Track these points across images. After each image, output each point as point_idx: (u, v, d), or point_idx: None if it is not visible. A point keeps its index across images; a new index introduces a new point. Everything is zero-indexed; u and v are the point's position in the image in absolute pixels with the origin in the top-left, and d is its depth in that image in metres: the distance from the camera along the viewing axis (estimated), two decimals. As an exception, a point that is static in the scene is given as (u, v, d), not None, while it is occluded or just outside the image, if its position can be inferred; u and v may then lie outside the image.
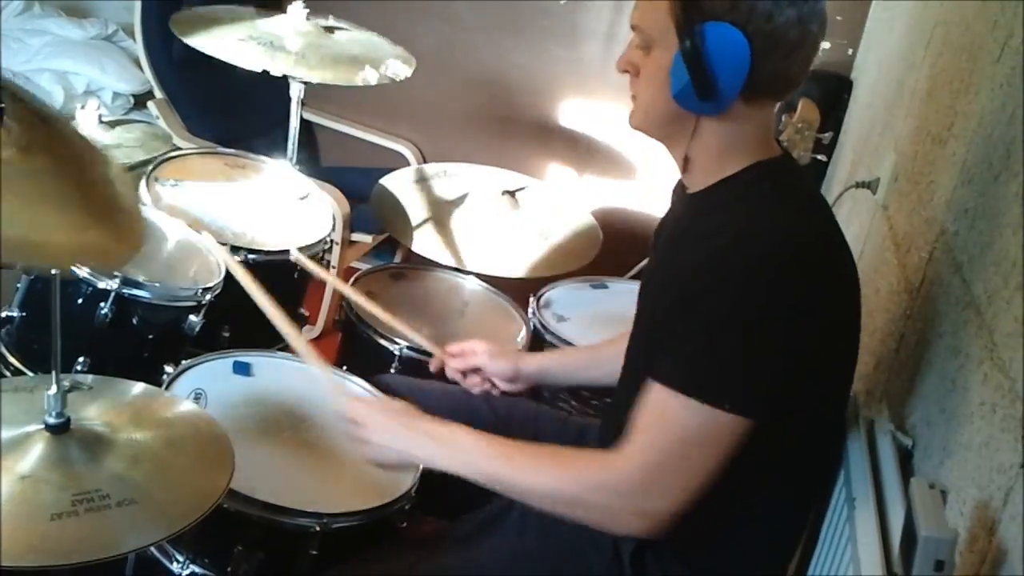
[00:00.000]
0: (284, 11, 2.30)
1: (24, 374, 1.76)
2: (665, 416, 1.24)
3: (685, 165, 1.36)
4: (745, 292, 1.21)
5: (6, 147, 1.27)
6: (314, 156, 3.58)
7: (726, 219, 1.28)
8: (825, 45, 3.05)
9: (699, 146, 1.33)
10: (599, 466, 1.28)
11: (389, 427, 1.40)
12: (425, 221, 2.26)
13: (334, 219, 2.25)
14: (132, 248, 1.25)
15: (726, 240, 1.24)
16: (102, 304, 1.70)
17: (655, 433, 1.24)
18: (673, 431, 1.23)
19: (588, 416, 2.03)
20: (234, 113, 3.20)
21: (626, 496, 1.25)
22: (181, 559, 1.45)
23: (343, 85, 2.18)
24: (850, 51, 3.08)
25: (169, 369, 1.63)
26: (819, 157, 2.39)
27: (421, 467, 1.56)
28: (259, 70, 2.09)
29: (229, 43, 2.13)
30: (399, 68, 2.28)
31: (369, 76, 2.18)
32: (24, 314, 1.77)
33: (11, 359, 1.77)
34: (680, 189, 1.48)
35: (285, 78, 2.18)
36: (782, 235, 1.24)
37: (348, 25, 2.43)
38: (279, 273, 2.10)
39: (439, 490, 1.57)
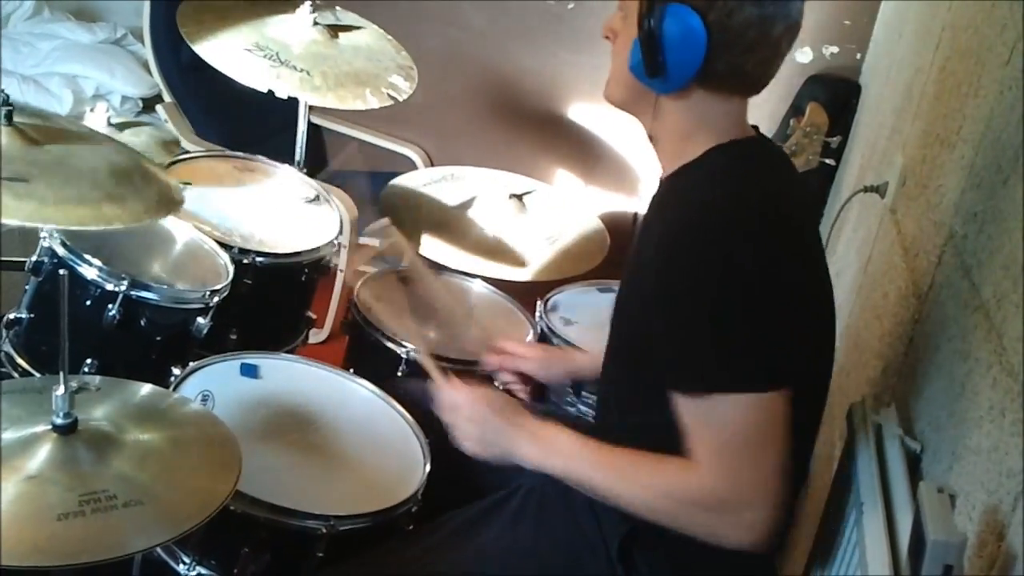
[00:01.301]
0: (291, 7, 2.30)
1: (32, 375, 1.76)
2: (713, 422, 1.23)
3: (653, 144, 1.39)
4: (711, 270, 1.22)
5: (20, 142, 1.32)
6: (322, 159, 3.59)
7: (677, 205, 1.31)
8: (833, 49, 3.06)
9: (661, 126, 1.36)
10: (685, 479, 1.26)
11: (493, 423, 1.40)
12: (432, 225, 2.26)
13: (342, 223, 2.25)
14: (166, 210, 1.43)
15: (673, 227, 1.27)
16: (110, 306, 1.70)
17: (715, 441, 1.24)
18: (729, 432, 1.23)
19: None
20: (242, 117, 3.21)
21: (718, 511, 1.24)
22: (187, 560, 1.45)
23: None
24: (858, 55, 3.07)
25: (176, 371, 1.63)
26: (827, 161, 2.38)
27: (427, 470, 1.56)
28: (264, 90, 2.11)
29: (235, 53, 2.14)
30: (401, 84, 2.29)
31: (371, 100, 2.19)
32: (32, 316, 1.77)
33: (19, 360, 1.78)
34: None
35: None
36: (729, 202, 1.26)
37: (354, 21, 2.42)
38: (287, 276, 2.11)
39: (442, 487, 1.58)
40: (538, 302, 2.23)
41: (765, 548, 1.25)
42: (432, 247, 2.20)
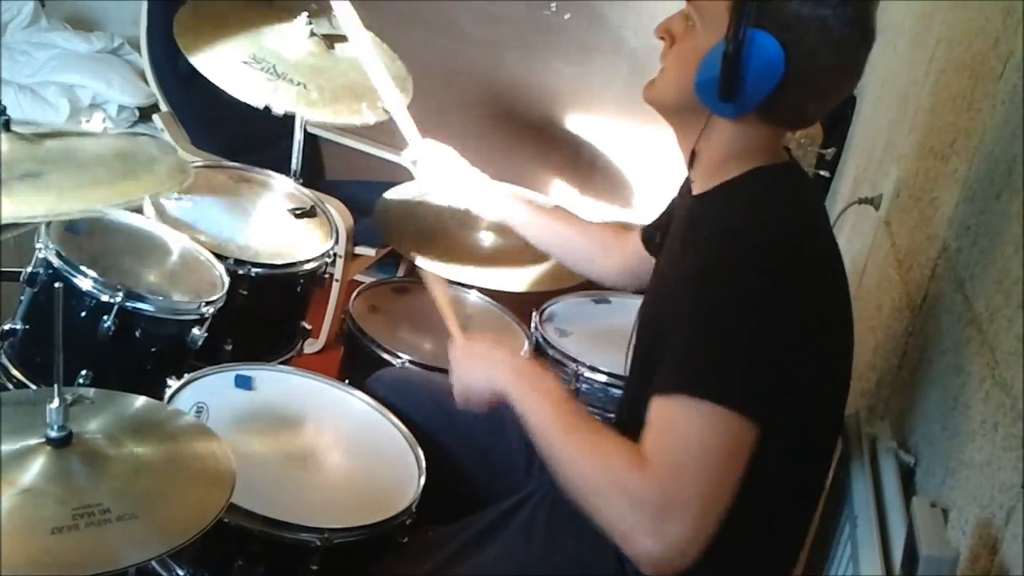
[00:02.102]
0: (288, 16, 2.31)
1: (27, 387, 1.76)
2: (672, 425, 1.18)
3: (691, 160, 1.37)
4: (735, 291, 1.20)
5: (21, 143, 1.33)
6: (318, 169, 3.59)
7: (717, 224, 1.29)
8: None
9: (707, 144, 1.33)
10: (632, 468, 1.18)
11: (480, 352, 1.43)
12: (428, 235, 2.27)
13: (338, 232, 2.25)
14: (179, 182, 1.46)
15: (712, 244, 1.25)
16: (105, 317, 1.70)
17: (667, 445, 1.18)
18: (683, 439, 1.17)
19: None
20: (239, 127, 3.20)
21: (645, 509, 1.16)
22: (182, 573, 1.44)
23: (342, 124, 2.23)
24: (853, 67, 3.08)
25: (171, 382, 1.63)
26: (822, 173, 2.39)
27: (423, 481, 1.56)
28: (261, 107, 2.11)
29: (232, 66, 2.14)
30: (398, 95, 2.30)
31: (366, 115, 2.20)
32: (27, 327, 1.77)
33: (14, 372, 1.77)
34: (685, 191, 1.48)
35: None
36: (769, 234, 1.24)
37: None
38: (283, 287, 2.11)
39: (441, 499, 1.57)
40: (533, 313, 2.23)
41: (667, 570, 1.17)
42: (427, 258, 2.21)
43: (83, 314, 1.71)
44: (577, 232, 1.88)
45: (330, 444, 1.63)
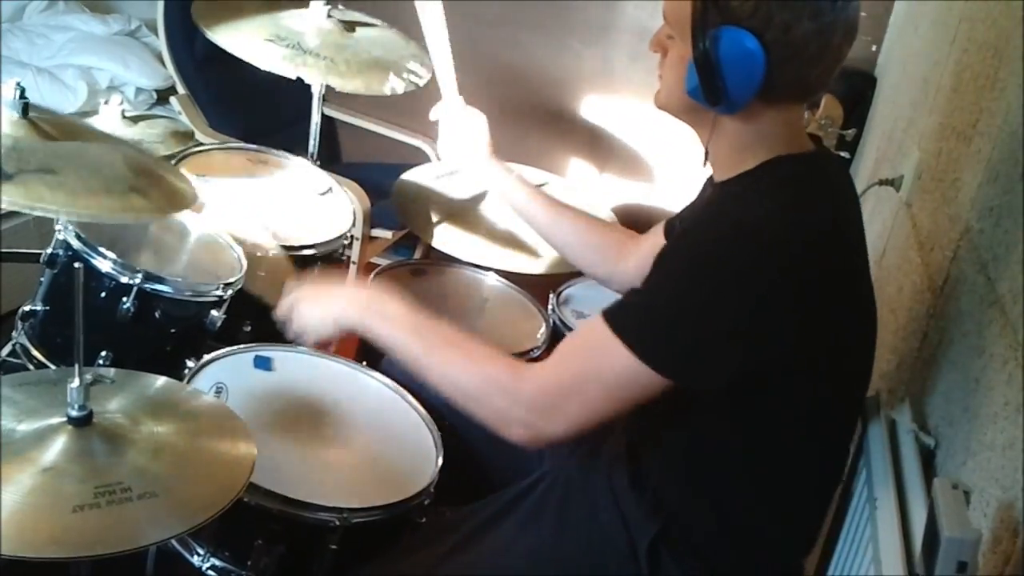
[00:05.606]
0: (303, 4, 2.31)
1: (47, 367, 1.77)
2: (586, 345, 1.28)
3: (706, 156, 1.37)
4: (706, 262, 1.21)
5: (36, 136, 1.33)
6: (335, 152, 3.59)
7: (719, 213, 1.29)
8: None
9: (719, 141, 1.33)
10: (511, 374, 1.30)
11: (315, 289, 1.49)
12: (445, 217, 2.26)
13: (355, 215, 2.25)
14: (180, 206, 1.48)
15: (708, 231, 1.26)
16: (124, 298, 1.70)
17: (571, 358, 1.29)
18: (587, 361, 1.26)
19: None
20: (256, 109, 3.21)
21: (523, 409, 1.28)
22: (202, 552, 1.46)
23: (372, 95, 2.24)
24: (874, 47, 3.06)
25: (191, 363, 1.64)
26: (843, 154, 2.37)
27: (440, 461, 1.57)
28: (293, 77, 2.12)
29: (256, 44, 2.14)
30: (419, 70, 2.31)
31: (396, 84, 2.21)
32: (48, 308, 1.78)
33: (35, 352, 1.78)
34: (709, 182, 1.47)
35: (307, 73, 2.19)
36: (772, 223, 1.22)
37: (360, 16, 2.43)
38: (301, 268, 2.11)
39: (455, 479, 1.58)
40: (551, 295, 2.23)
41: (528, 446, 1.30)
42: (445, 240, 2.20)
43: (103, 295, 1.71)
44: (598, 237, 1.84)
45: (348, 425, 1.64)
